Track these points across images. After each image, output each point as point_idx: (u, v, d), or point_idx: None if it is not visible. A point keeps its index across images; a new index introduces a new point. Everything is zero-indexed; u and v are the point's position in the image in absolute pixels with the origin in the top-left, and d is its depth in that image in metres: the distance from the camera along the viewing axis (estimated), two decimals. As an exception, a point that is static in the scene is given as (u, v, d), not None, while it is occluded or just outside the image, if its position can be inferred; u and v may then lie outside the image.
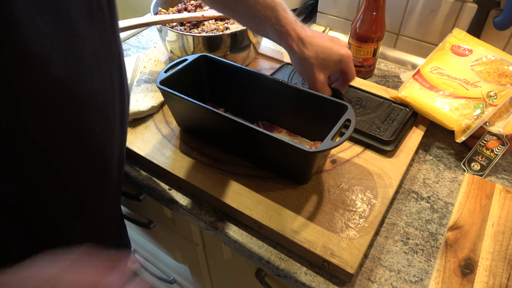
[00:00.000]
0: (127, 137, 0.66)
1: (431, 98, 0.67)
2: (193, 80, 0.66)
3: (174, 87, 0.59)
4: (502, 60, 0.66)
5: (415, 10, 0.80)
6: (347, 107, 0.54)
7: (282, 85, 0.60)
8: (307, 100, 0.59)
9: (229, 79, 0.66)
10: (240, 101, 0.67)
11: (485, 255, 0.51)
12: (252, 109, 0.66)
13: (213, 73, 0.67)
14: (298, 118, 0.63)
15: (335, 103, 0.56)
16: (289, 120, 0.65)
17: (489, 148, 0.62)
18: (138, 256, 1.17)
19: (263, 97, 0.64)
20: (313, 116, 0.60)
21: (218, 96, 0.70)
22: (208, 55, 0.65)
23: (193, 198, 0.62)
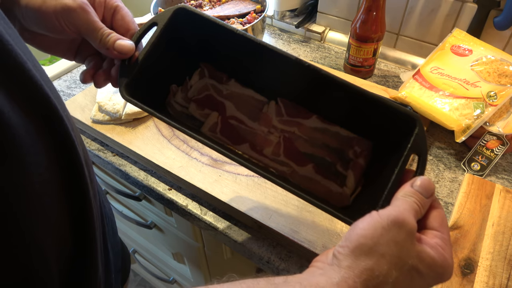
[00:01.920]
0: (127, 137, 0.66)
1: (431, 98, 0.67)
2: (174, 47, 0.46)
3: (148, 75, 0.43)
4: (502, 60, 0.66)
5: (415, 10, 0.80)
6: (414, 124, 0.36)
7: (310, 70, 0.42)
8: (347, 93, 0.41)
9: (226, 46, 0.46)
10: (249, 67, 0.47)
11: (485, 255, 0.51)
12: (267, 82, 0.47)
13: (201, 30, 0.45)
14: (333, 103, 0.44)
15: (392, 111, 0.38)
16: (323, 105, 0.45)
17: (489, 148, 0.62)
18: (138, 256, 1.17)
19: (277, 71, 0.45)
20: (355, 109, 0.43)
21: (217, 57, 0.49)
22: (187, 8, 0.43)
23: (193, 198, 0.62)
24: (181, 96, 0.48)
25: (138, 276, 1.50)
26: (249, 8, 0.82)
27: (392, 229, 0.30)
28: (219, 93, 0.48)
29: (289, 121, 0.46)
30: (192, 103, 0.47)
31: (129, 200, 0.86)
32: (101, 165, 0.73)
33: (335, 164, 0.44)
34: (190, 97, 0.48)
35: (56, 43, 0.43)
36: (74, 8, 0.37)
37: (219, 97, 0.48)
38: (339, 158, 0.44)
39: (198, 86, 0.48)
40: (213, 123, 0.47)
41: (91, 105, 0.72)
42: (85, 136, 0.72)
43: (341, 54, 0.91)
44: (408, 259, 0.29)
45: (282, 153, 0.45)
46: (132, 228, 1.04)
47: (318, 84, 0.42)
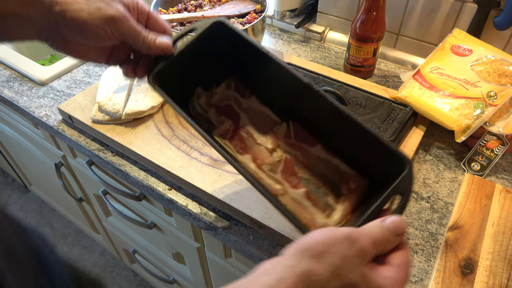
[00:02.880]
0: (127, 137, 0.66)
1: (431, 98, 0.67)
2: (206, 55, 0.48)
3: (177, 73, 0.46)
4: (502, 60, 0.66)
5: (415, 10, 0.80)
6: (404, 166, 0.37)
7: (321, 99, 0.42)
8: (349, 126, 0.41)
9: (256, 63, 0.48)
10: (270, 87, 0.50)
11: (485, 255, 0.51)
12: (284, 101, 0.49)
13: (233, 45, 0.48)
14: (338, 137, 0.45)
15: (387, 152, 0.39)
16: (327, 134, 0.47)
17: (489, 148, 0.62)
18: (138, 256, 1.17)
19: (296, 96, 0.47)
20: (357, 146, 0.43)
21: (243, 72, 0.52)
22: (225, 23, 0.46)
23: (193, 198, 0.62)
24: (204, 100, 0.52)
25: (138, 276, 1.50)
26: (249, 8, 0.82)
27: (344, 243, 0.30)
28: (239, 105, 0.52)
29: (295, 145, 0.48)
30: (213, 109, 0.51)
31: (129, 200, 0.86)
32: (101, 165, 0.73)
33: (327, 195, 0.45)
34: (212, 103, 0.52)
35: (92, 49, 0.45)
36: (118, 17, 0.41)
37: (237, 109, 0.51)
38: (333, 191, 0.45)
39: (222, 95, 0.52)
40: (225, 130, 0.50)
41: (91, 105, 0.72)
42: (85, 136, 0.72)
43: (341, 54, 0.91)
44: (351, 273, 0.29)
45: (279, 172, 0.47)
46: (132, 228, 1.04)
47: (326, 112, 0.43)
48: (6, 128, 1.20)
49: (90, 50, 0.45)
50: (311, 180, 0.46)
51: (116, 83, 0.73)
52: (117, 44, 0.46)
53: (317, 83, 0.75)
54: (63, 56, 0.93)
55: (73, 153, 0.91)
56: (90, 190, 1.04)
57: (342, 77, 0.79)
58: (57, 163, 1.00)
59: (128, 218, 0.89)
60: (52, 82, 0.85)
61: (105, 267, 1.54)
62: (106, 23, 0.41)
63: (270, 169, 0.47)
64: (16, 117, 1.03)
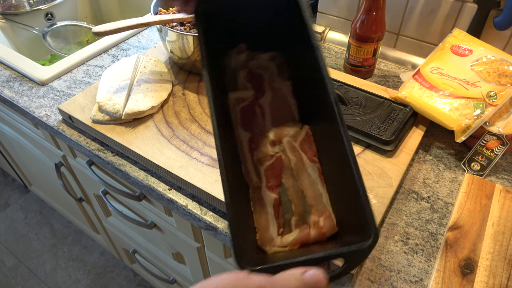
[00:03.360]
0: (127, 137, 0.66)
1: (431, 98, 0.67)
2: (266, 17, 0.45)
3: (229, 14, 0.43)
4: (502, 60, 0.66)
5: (415, 10, 0.80)
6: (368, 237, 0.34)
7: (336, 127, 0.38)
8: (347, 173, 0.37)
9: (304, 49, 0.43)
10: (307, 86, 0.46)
11: (485, 255, 0.51)
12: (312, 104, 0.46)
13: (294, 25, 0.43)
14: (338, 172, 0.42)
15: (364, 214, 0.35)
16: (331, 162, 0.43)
17: (489, 148, 0.62)
18: (138, 256, 1.17)
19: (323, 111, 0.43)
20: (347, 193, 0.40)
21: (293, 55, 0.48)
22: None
23: (193, 198, 0.62)
24: (243, 59, 0.48)
25: (138, 276, 1.50)
26: (249, 8, 0.82)
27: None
28: (271, 81, 0.48)
29: (295, 150, 0.45)
30: (245, 71, 0.48)
31: (129, 200, 0.86)
32: (101, 165, 0.73)
33: (293, 214, 0.42)
34: (248, 65, 0.48)
35: None
36: None
37: (266, 84, 0.48)
38: (301, 214, 0.42)
39: (262, 63, 0.48)
40: (242, 97, 0.46)
41: (91, 105, 0.72)
42: (85, 136, 0.72)
43: (341, 54, 0.91)
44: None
45: (265, 166, 0.44)
46: (132, 228, 1.04)
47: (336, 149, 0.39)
48: (6, 128, 1.20)
49: None
50: (289, 191, 0.43)
51: (116, 83, 0.73)
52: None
53: (317, 83, 0.75)
54: (63, 56, 0.93)
55: (73, 153, 0.91)
56: (90, 190, 1.04)
57: (342, 77, 0.79)
58: (57, 163, 1.00)
59: (128, 218, 0.89)
60: (52, 82, 0.85)
61: (105, 267, 1.54)
62: None
63: (259, 159, 0.44)
64: (16, 117, 1.03)
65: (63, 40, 1.17)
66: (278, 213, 0.42)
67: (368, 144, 0.65)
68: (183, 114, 0.71)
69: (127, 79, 0.74)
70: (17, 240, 1.64)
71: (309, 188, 0.43)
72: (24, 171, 1.53)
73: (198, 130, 0.68)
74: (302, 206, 0.43)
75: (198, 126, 0.69)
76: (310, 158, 0.44)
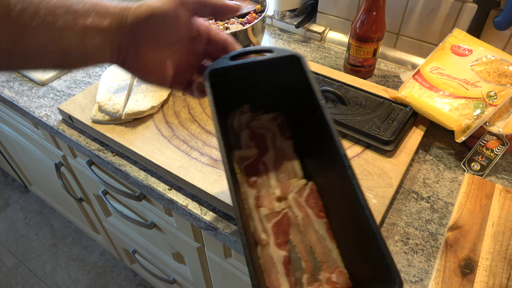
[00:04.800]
0: (127, 137, 0.66)
1: (431, 98, 0.67)
2: (267, 79, 0.47)
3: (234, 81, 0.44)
4: (502, 60, 0.66)
5: (415, 10, 0.80)
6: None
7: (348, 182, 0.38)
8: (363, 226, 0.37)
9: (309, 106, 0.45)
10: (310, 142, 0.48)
11: (485, 255, 0.51)
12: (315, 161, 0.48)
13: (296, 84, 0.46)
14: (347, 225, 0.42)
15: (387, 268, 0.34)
16: (338, 216, 0.44)
17: (489, 148, 0.62)
18: (138, 256, 1.17)
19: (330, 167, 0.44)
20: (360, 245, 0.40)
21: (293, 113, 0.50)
22: (302, 60, 0.44)
23: (193, 198, 0.62)
24: (246, 119, 0.50)
25: (138, 276, 1.50)
26: (249, 8, 0.82)
27: None
28: (273, 141, 0.50)
29: (302, 206, 0.45)
30: (248, 131, 0.50)
31: (129, 200, 0.86)
32: (101, 165, 0.73)
33: (304, 272, 0.42)
34: (251, 126, 0.50)
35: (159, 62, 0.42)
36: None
37: (269, 143, 0.50)
38: (312, 271, 0.42)
39: (264, 123, 0.50)
40: (247, 155, 0.48)
41: (91, 105, 0.72)
42: (85, 136, 0.72)
43: (341, 54, 0.91)
44: None
45: (272, 223, 0.44)
46: (132, 228, 1.04)
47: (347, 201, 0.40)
48: (6, 128, 1.20)
49: (156, 64, 0.41)
50: (298, 248, 0.43)
51: (116, 83, 0.73)
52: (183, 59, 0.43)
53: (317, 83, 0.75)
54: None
55: (73, 153, 0.91)
56: (90, 190, 1.04)
57: (342, 77, 0.79)
58: (57, 163, 1.00)
59: (128, 218, 0.89)
60: (52, 82, 0.85)
61: (105, 267, 1.54)
62: (181, 3, 0.39)
63: (266, 215, 0.44)
64: (16, 117, 1.03)
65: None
66: (288, 271, 0.41)
67: (368, 144, 0.65)
68: (183, 114, 0.71)
69: (127, 79, 0.74)
70: (17, 240, 1.64)
71: (317, 244, 0.43)
72: (24, 171, 1.53)
73: (198, 130, 0.68)
74: (312, 262, 0.42)
75: (198, 126, 0.69)
76: (316, 214, 0.45)
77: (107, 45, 0.38)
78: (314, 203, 0.46)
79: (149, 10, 0.38)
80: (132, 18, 0.38)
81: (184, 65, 0.44)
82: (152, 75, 0.42)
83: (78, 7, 0.36)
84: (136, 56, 0.40)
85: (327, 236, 0.43)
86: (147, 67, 0.41)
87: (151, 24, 0.39)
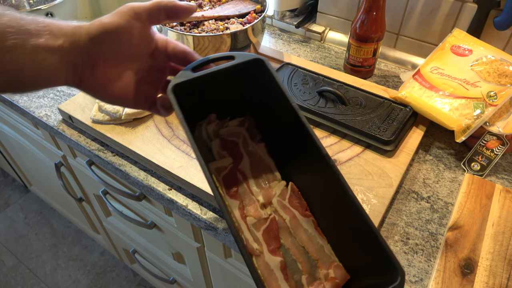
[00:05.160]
0: (127, 137, 0.66)
1: (431, 98, 0.67)
2: (232, 86, 0.47)
3: (198, 92, 0.44)
4: (502, 60, 0.66)
5: (415, 10, 0.80)
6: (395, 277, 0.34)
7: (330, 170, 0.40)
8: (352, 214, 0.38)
9: (277, 106, 0.46)
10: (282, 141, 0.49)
11: (485, 255, 0.51)
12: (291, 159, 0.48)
13: (262, 86, 0.47)
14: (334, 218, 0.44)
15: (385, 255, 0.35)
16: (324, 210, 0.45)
17: (489, 148, 0.62)
18: (138, 256, 1.17)
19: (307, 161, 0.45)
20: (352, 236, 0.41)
21: (261, 115, 0.51)
22: (265, 62, 0.44)
23: (193, 198, 0.62)
24: (213, 128, 0.49)
25: (138, 276, 1.50)
26: (249, 8, 0.82)
27: None
28: (245, 146, 0.49)
29: (287, 208, 0.45)
30: (218, 140, 0.49)
31: (129, 200, 0.86)
32: (101, 165, 0.73)
33: (302, 273, 0.42)
34: (220, 134, 0.49)
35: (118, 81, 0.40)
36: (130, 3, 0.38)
37: (242, 149, 0.49)
38: (309, 271, 0.42)
39: (233, 130, 0.50)
40: (223, 166, 0.47)
41: (91, 105, 0.72)
42: (85, 136, 0.72)
43: (341, 54, 0.91)
44: None
45: (262, 230, 0.44)
46: (132, 228, 1.04)
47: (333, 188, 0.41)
48: (6, 128, 1.20)
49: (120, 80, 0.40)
50: (292, 251, 0.43)
51: (116, 83, 0.73)
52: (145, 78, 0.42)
53: (317, 83, 0.75)
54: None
55: (73, 153, 0.91)
56: (90, 190, 1.04)
57: (342, 77, 0.79)
58: (57, 163, 1.00)
59: (128, 218, 0.89)
60: (52, 82, 0.85)
61: (105, 267, 1.54)
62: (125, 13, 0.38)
63: (254, 224, 0.44)
64: (16, 117, 1.03)
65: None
66: (287, 275, 0.41)
67: (368, 144, 0.65)
68: (183, 114, 0.71)
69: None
70: (17, 240, 1.64)
71: (309, 242, 0.43)
72: (24, 171, 1.53)
73: (198, 130, 0.68)
74: (308, 262, 0.42)
75: (198, 126, 0.69)
76: (302, 213, 0.45)
77: (61, 65, 0.36)
78: (298, 203, 0.46)
79: (101, 26, 0.37)
80: (85, 36, 0.37)
81: (147, 83, 0.43)
82: (112, 95, 0.40)
83: (30, 27, 0.35)
84: (92, 76, 0.38)
85: (316, 234, 0.44)
86: (105, 87, 0.40)
87: (105, 41, 0.37)
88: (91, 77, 0.38)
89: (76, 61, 0.37)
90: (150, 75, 0.43)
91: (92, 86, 0.39)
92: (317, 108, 0.69)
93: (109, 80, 0.39)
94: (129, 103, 0.42)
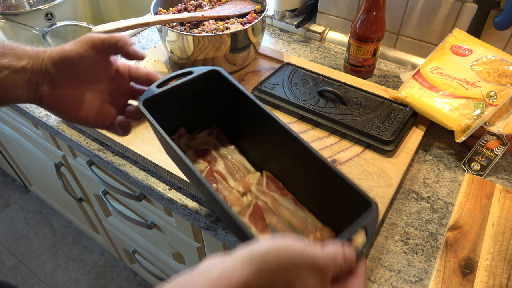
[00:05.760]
0: (127, 137, 0.66)
1: (431, 98, 0.67)
2: (196, 98, 0.52)
3: (166, 107, 0.48)
4: (502, 60, 0.66)
5: (415, 10, 0.80)
6: (369, 205, 0.39)
7: (296, 142, 0.44)
8: (323, 173, 0.42)
9: (239, 107, 0.51)
10: (249, 138, 0.54)
11: (485, 255, 0.51)
12: (261, 152, 0.53)
13: (223, 94, 0.51)
14: (309, 188, 0.48)
15: (356, 194, 0.40)
16: (299, 185, 0.49)
17: (489, 148, 0.62)
18: (138, 256, 1.17)
19: (275, 146, 0.49)
20: (327, 195, 0.45)
21: (226, 121, 0.56)
22: (221, 71, 0.49)
23: (193, 198, 0.62)
24: (184, 142, 0.54)
25: (138, 276, 1.50)
26: (249, 8, 0.82)
27: (310, 273, 0.29)
28: (217, 150, 0.54)
29: (266, 193, 0.49)
30: (191, 150, 0.54)
31: (129, 200, 0.86)
32: (101, 165, 0.73)
33: None
34: (191, 146, 0.54)
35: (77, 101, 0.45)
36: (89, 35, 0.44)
37: (215, 153, 0.54)
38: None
39: (202, 140, 0.55)
40: (199, 170, 0.52)
41: (91, 105, 0.72)
42: (85, 136, 0.72)
43: (341, 54, 0.91)
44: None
45: (247, 215, 0.47)
46: (132, 228, 1.04)
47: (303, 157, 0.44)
48: (6, 128, 1.20)
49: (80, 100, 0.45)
50: (278, 227, 0.46)
51: (116, 83, 0.73)
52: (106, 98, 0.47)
53: (317, 83, 0.75)
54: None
55: (73, 153, 0.91)
56: (90, 190, 1.04)
57: (342, 77, 0.79)
58: (57, 163, 1.00)
59: (128, 218, 0.89)
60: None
61: (105, 267, 1.54)
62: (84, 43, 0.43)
63: (239, 212, 0.47)
64: (16, 117, 1.03)
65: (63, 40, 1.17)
66: None
67: (368, 144, 0.65)
68: (183, 114, 0.71)
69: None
70: (17, 240, 1.64)
71: (293, 217, 0.47)
72: (24, 171, 1.53)
73: (198, 130, 0.68)
74: (296, 234, 0.46)
75: (198, 126, 0.69)
76: (280, 194, 0.49)
77: (23, 84, 0.41)
78: (275, 187, 0.50)
79: (62, 52, 0.42)
80: (48, 59, 0.42)
81: (109, 104, 0.47)
82: (71, 113, 0.45)
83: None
84: (53, 94, 0.43)
85: (297, 208, 0.48)
86: (64, 105, 0.44)
87: (65, 65, 0.42)
88: (52, 96, 0.43)
89: (38, 80, 0.42)
90: (111, 97, 0.47)
91: (51, 103, 0.44)
92: (317, 108, 0.69)
93: (68, 100, 0.44)
94: (89, 122, 0.46)
